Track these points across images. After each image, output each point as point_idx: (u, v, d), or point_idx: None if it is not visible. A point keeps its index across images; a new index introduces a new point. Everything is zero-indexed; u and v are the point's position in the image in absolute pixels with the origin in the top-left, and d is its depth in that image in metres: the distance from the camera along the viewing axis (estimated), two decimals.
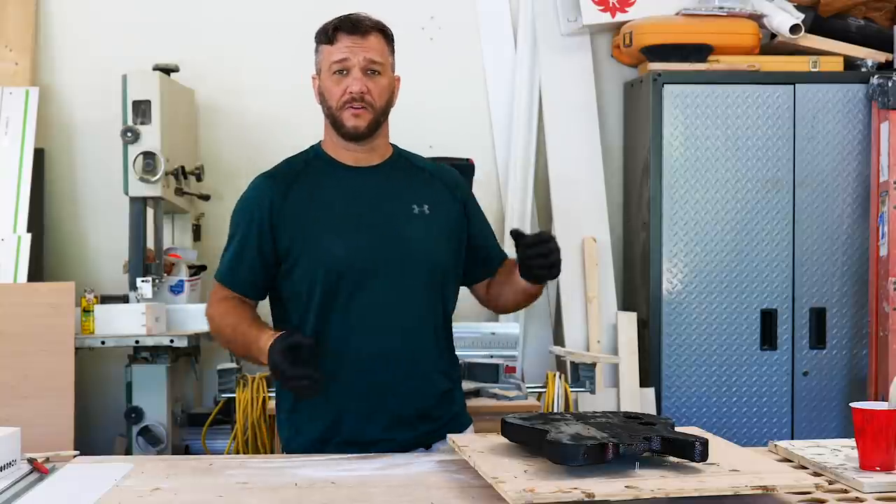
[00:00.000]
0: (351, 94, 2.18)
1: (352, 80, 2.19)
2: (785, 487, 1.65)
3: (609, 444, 1.69)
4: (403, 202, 2.24)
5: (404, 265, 2.19)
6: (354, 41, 2.20)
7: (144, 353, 3.77)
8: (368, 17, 2.25)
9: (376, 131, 2.24)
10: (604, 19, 4.27)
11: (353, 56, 2.19)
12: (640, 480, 1.66)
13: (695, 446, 1.74)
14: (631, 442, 1.73)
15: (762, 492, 1.63)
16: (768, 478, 1.67)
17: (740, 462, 1.79)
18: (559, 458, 1.69)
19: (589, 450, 1.67)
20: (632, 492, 1.59)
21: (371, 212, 2.21)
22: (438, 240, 2.24)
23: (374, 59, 2.20)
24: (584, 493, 1.58)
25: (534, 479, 1.67)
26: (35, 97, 4.11)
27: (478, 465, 1.80)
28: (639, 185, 4.25)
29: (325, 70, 2.24)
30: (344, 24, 2.22)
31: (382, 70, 2.22)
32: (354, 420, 2.20)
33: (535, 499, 1.57)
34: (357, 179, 2.25)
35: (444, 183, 2.32)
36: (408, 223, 2.22)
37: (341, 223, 2.20)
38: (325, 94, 2.25)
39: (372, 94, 2.20)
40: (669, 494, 1.60)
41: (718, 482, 1.65)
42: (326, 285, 2.18)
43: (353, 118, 2.20)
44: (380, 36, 2.24)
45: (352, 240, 2.19)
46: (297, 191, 2.24)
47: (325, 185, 2.24)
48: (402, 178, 2.28)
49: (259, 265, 2.23)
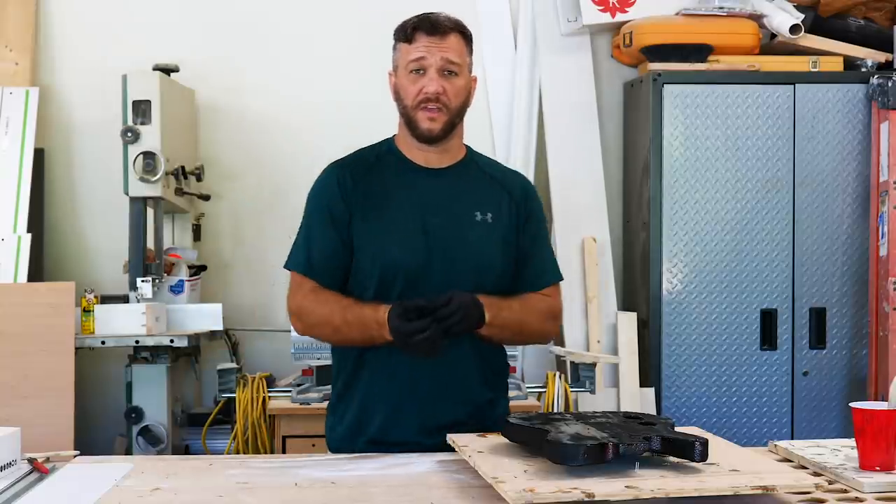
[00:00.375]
0: (426, 94, 2.16)
1: (428, 80, 2.16)
2: (785, 487, 1.65)
3: (609, 444, 1.69)
4: (467, 208, 2.23)
5: (457, 271, 2.19)
6: (433, 41, 2.16)
7: (144, 353, 3.78)
8: (448, 17, 2.22)
9: (450, 133, 2.22)
10: (604, 19, 4.27)
11: (430, 56, 2.16)
12: (640, 480, 1.66)
13: (695, 446, 1.74)
14: (631, 442, 1.73)
15: (762, 492, 1.63)
16: (768, 478, 1.67)
17: (740, 462, 1.79)
18: (559, 458, 1.69)
19: (589, 450, 1.68)
20: (632, 492, 1.59)
21: (433, 215, 2.21)
22: (495, 249, 2.23)
23: (451, 60, 2.17)
24: (584, 492, 1.58)
25: (534, 479, 1.67)
26: (35, 97, 4.11)
27: (478, 465, 1.80)
28: (639, 185, 4.25)
29: (401, 68, 2.20)
30: (423, 23, 2.18)
31: (459, 71, 2.19)
32: (381, 421, 2.21)
33: (535, 499, 1.57)
34: (425, 180, 2.24)
35: (510, 193, 2.28)
36: (468, 230, 2.21)
37: (401, 223, 2.20)
38: (400, 92, 2.22)
39: (448, 94, 2.17)
40: (669, 494, 1.61)
41: (718, 482, 1.65)
42: (379, 283, 2.19)
43: (427, 120, 2.18)
44: (459, 36, 2.20)
45: (409, 241, 2.19)
46: (365, 183, 2.24)
47: (392, 182, 2.24)
48: (469, 184, 2.26)
49: (332, 251, 2.22)
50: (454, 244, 2.20)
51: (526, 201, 2.30)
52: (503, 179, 2.31)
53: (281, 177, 4.37)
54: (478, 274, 2.20)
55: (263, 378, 3.48)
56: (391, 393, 2.19)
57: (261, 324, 4.30)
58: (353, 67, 4.39)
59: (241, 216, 4.38)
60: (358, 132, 4.33)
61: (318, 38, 4.39)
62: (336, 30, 4.39)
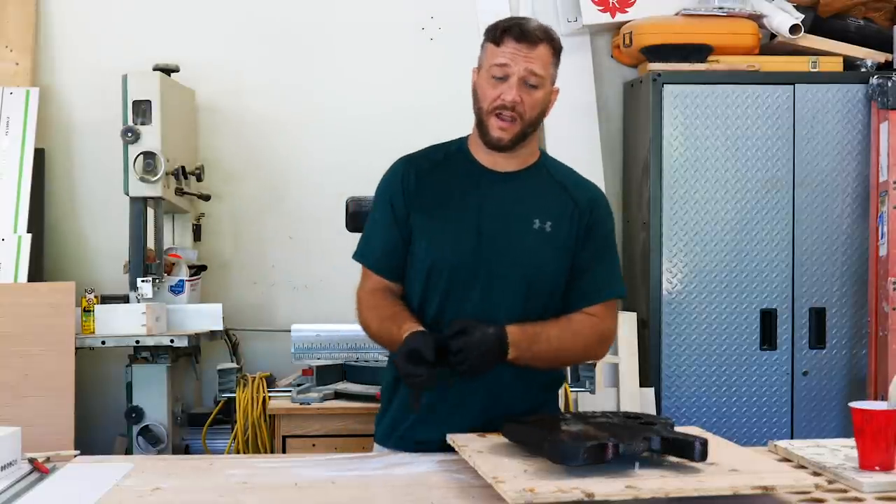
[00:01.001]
0: (503, 101, 2.13)
1: (507, 87, 2.13)
2: (785, 487, 1.65)
3: (609, 444, 1.70)
4: (526, 215, 2.21)
5: (503, 277, 2.18)
6: (519, 49, 2.13)
7: (144, 353, 3.77)
8: (540, 25, 2.18)
9: (520, 143, 2.20)
10: (604, 19, 4.27)
11: (514, 64, 2.13)
12: (640, 480, 1.66)
13: (694, 446, 1.74)
14: (631, 442, 1.74)
15: (762, 492, 1.63)
16: (768, 478, 1.67)
17: (740, 462, 1.80)
18: (559, 457, 1.70)
19: (589, 450, 1.68)
20: (632, 492, 1.60)
21: (491, 219, 2.20)
22: (550, 259, 2.21)
23: (535, 72, 2.14)
24: (584, 492, 1.58)
25: (533, 478, 1.67)
26: (35, 97, 4.11)
27: (477, 464, 1.81)
28: (639, 185, 4.25)
29: (484, 69, 2.18)
30: (513, 28, 2.15)
31: (541, 83, 2.16)
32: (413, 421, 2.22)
33: (535, 499, 1.57)
34: (488, 184, 2.23)
35: (576, 203, 2.25)
36: (524, 237, 2.20)
37: (459, 224, 2.20)
38: (479, 92, 2.19)
39: (524, 105, 2.15)
40: (669, 494, 1.61)
41: (718, 482, 1.65)
42: (426, 280, 2.20)
43: (498, 129, 2.16)
44: (547, 47, 2.17)
45: (464, 243, 2.19)
46: (430, 180, 2.24)
47: (456, 182, 2.24)
48: (533, 190, 2.24)
49: (393, 247, 2.24)
50: (504, 250, 2.19)
51: (591, 213, 2.25)
52: (572, 189, 2.27)
53: (281, 177, 4.37)
54: (525, 282, 2.19)
55: (263, 378, 3.48)
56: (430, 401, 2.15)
57: (261, 324, 4.30)
58: (353, 68, 4.39)
59: (241, 216, 4.38)
60: (358, 132, 4.39)
61: (319, 38, 4.39)
62: (336, 30, 4.39)
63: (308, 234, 4.37)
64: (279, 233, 4.38)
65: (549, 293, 2.23)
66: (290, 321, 3.85)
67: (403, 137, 2.55)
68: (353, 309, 2.32)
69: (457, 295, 2.19)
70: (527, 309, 2.20)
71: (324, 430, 3.27)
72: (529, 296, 2.20)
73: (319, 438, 3.27)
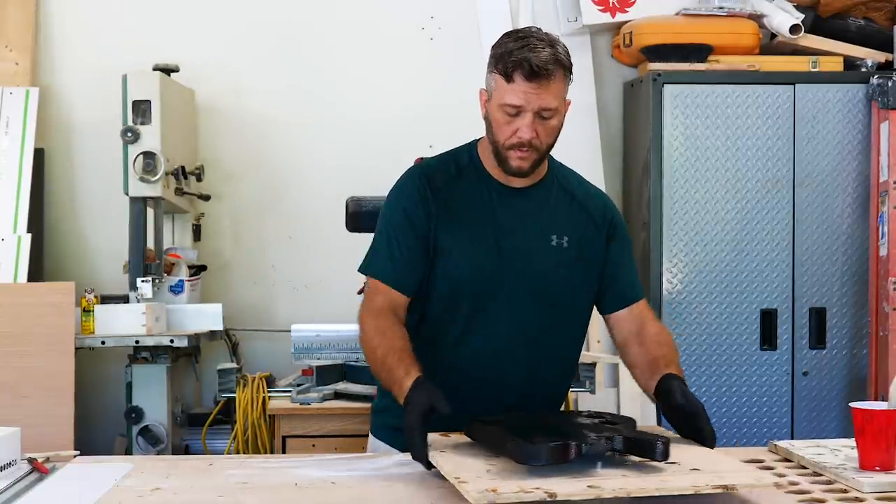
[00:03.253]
0: (520, 139, 2.10)
1: (522, 124, 2.09)
2: (744, 486, 1.66)
3: (572, 445, 1.70)
4: (542, 231, 2.20)
5: (528, 297, 2.17)
6: (532, 87, 2.07)
7: (144, 353, 3.77)
8: (549, 54, 2.10)
9: (539, 166, 2.18)
10: (604, 19, 4.27)
11: (527, 104, 2.07)
12: (602, 480, 1.66)
13: (656, 446, 1.74)
14: (594, 442, 1.74)
15: (723, 490, 1.63)
16: (728, 476, 1.67)
17: (702, 462, 1.80)
18: (522, 457, 1.70)
19: (552, 450, 1.68)
20: (594, 491, 1.60)
21: (507, 237, 2.18)
22: (570, 275, 2.21)
23: (548, 107, 2.10)
24: (546, 492, 1.58)
25: (496, 478, 1.67)
26: (35, 97, 4.11)
27: (440, 464, 1.81)
28: (639, 185, 4.25)
29: (495, 101, 2.12)
30: (523, 64, 2.06)
31: (555, 113, 2.12)
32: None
33: (498, 499, 1.57)
34: (503, 200, 2.20)
35: (590, 214, 2.25)
36: (542, 254, 2.19)
37: (474, 241, 2.17)
38: (493, 124, 2.14)
39: (540, 137, 2.12)
40: (631, 494, 1.61)
41: (680, 482, 1.66)
42: (447, 299, 2.18)
43: (518, 160, 2.13)
44: (560, 74, 2.13)
45: (481, 261, 2.16)
46: (445, 196, 2.20)
47: (471, 197, 2.20)
48: (547, 205, 2.23)
49: (412, 261, 2.18)
50: (523, 267, 2.17)
51: (607, 223, 2.27)
52: (584, 200, 2.27)
53: (281, 177, 4.37)
54: (548, 299, 2.19)
55: (263, 378, 3.47)
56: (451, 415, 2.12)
57: (261, 324, 4.30)
58: (353, 67, 4.39)
59: (241, 216, 4.38)
60: (358, 132, 4.39)
61: (319, 38, 4.39)
62: (336, 30, 4.39)
63: (308, 235, 4.37)
64: (279, 233, 4.38)
65: (573, 309, 2.24)
66: (290, 321, 3.85)
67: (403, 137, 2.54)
68: (356, 315, 2.22)
69: (481, 315, 2.17)
70: (552, 325, 2.21)
71: (324, 430, 3.27)
72: (553, 313, 2.20)
73: (319, 438, 3.27)
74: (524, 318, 2.19)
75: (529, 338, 2.19)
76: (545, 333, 2.21)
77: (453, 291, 2.18)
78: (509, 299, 2.17)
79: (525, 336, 2.19)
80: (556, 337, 2.24)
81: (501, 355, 2.19)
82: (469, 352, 2.19)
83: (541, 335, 2.21)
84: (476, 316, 2.17)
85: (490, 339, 2.18)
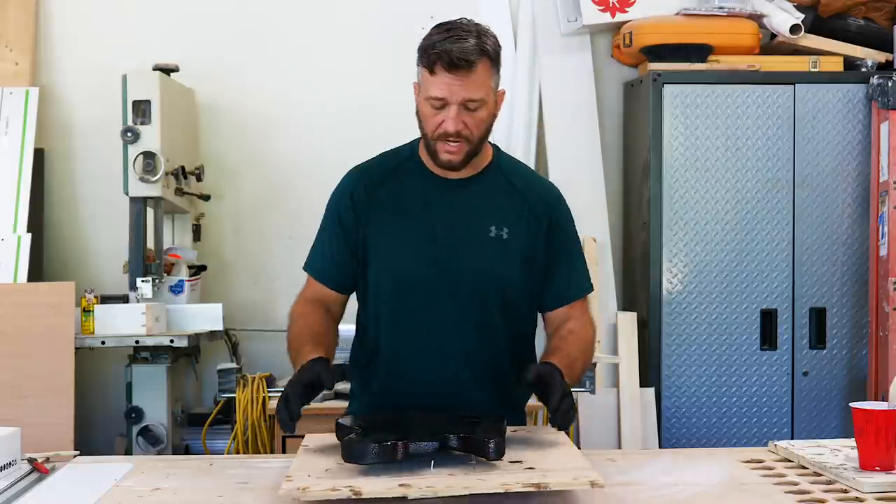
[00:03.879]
0: (445, 130, 2.08)
1: (447, 116, 2.06)
2: (558, 486, 1.66)
3: (399, 444, 1.73)
4: (481, 223, 2.17)
5: (468, 288, 2.15)
6: (454, 79, 2.03)
7: (144, 353, 3.77)
8: (473, 44, 2.04)
9: (472, 159, 2.15)
10: (604, 19, 4.27)
11: (451, 95, 2.04)
12: (418, 479, 1.68)
13: (489, 445, 1.75)
14: (422, 441, 1.76)
15: (534, 489, 1.64)
16: (549, 476, 1.69)
17: (554, 462, 1.80)
18: (350, 457, 1.74)
19: (378, 449, 1.71)
20: (402, 490, 1.62)
21: (446, 229, 2.16)
22: (509, 267, 2.18)
23: (473, 98, 2.05)
24: (352, 491, 1.61)
25: (325, 477, 1.70)
26: (35, 97, 4.11)
27: (294, 461, 1.84)
28: (639, 185, 4.25)
29: (423, 93, 2.10)
30: (444, 56, 2.02)
31: (482, 104, 2.07)
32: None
33: (304, 496, 1.60)
34: (441, 193, 2.19)
35: (531, 205, 2.20)
36: (480, 246, 2.16)
37: (413, 235, 2.17)
38: (421, 116, 2.14)
39: (469, 127, 2.08)
40: (438, 493, 1.63)
41: (492, 481, 1.67)
42: (386, 294, 2.18)
43: (446, 153, 2.11)
44: (485, 64, 2.06)
45: (420, 254, 2.15)
46: (382, 191, 2.21)
47: (409, 192, 2.20)
48: (486, 196, 2.20)
49: (340, 257, 2.22)
50: (462, 260, 2.15)
51: (548, 214, 2.22)
52: (525, 190, 2.22)
53: (281, 177, 4.37)
54: (486, 291, 2.17)
55: (263, 378, 3.48)
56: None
57: (261, 324, 4.29)
58: (353, 67, 4.39)
59: (241, 216, 4.38)
60: (358, 132, 4.38)
61: (319, 37, 4.39)
62: (336, 29, 4.39)
63: (308, 234, 4.29)
64: (279, 232, 4.38)
65: (512, 301, 2.20)
66: None
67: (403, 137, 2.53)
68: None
69: (417, 308, 2.15)
70: (489, 318, 2.18)
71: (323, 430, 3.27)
72: (491, 305, 2.17)
73: None
74: (464, 310, 2.16)
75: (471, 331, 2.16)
76: (487, 326, 2.18)
77: (393, 286, 2.17)
78: (447, 291, 2.15)
79: (467, 329, 2.16)
80: (499, 330, 2.20)
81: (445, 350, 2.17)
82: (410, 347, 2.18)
83: (482, 328, 2.17)
84: (417, 309, 2.16)
85: (432, 332, 2.16)
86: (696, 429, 4.08)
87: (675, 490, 1.83)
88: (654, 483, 1.89)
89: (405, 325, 2.17)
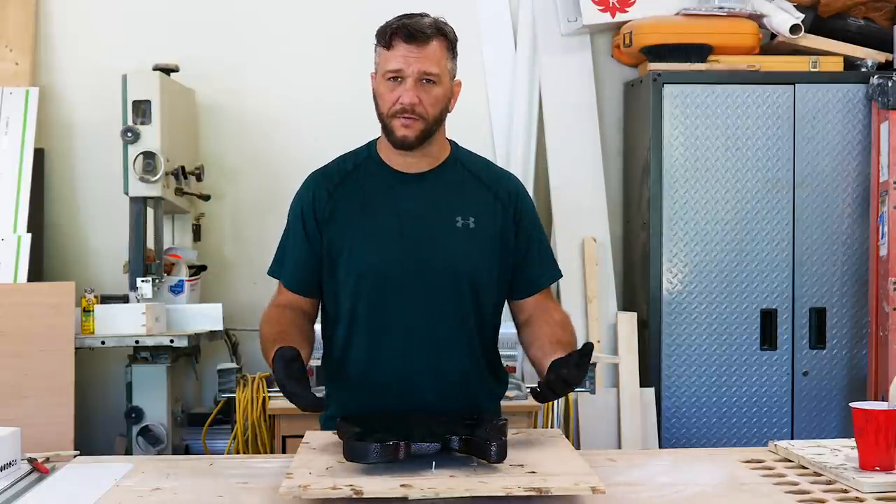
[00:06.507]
0: (402, 104, 2.11)
1: (404, 89, 2.10)
2: (559, 490, 1.66)
3: (401, 444, 1.73)
4: (447, 214, 2.18)
5: (438, 280, 2.16)
6: (411, 50, 2.10)
7: (144, 353, 3.78)
8: (431, 21, 2.15)
9: (427, 140, 2.16)
10: (604, 19, 4.27)
11: (407, 67, 2.09)
12: (420, 480, 1.68)
13: (490, 448, 1.75)
14: (423, 442, 1.76)
15: (536, 493, 1.64)
16: (550, 480, 1.68)
17: (555, 465, 1.80)
18: (352, 456, 1.74)
19: (380, 449, 1.71)
20: (402, 490, 1.63)
21: (411, 222, 2.17)
22: (478, 256, 2.18)
23: (428, 71, 2.10)
24: (353, 490, 1.61)
25: (326, 476, 1.70)
26: (35, 97, 4.11)
27: (294, 458, 1.84)
28: (639, 185, 4.25)
29: (380, 73, 2.16)
30: (402, 29, 2.11)
31: (438, 80, 2.12)
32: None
33: (305, 494, 1.61)
34: (403, 187, 2.20)
35: (496, 194, 2.22)
36: (448, 237, 2.17)
37: (379, 231, 2.17)
38: (377, 97, 2.18)
39: (424, 104, 2.11)
40: (439, 494, 1.63)
41: (492, 484, 1.67)
42: (355, 292, 2.18)
43: (402, 128, 2.12)
44: (441, 42, 2.14)
45: (387, 250, 2.16)
46: (343, 191, 2.21)
47: (370, 189, 2.21)
48: (450, 188, 2.21)
49: (303, 263, 2.24)
50: (431, 252, 2.16)
51: (514, 202, 2.23)
52: (489, 181, 2.24)
53: (281, 176, 4.36)
54: (457, 281, 2.17)
55: (263, 378, 3.48)
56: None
57: None
58: (353, 67, 4.38)
59: (241, 216, 4.38)
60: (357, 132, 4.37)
61: (319, 37, 4.39)
62: (336, 29, 4.39)
63: None
64: (279, 232, 4.34)
65: (482, 291, 2.20)
66: None
67: None
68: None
69: (389, 304, 2.16)
70: (461, 308, 2.18)
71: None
72: (462, 295, 2.18)
73: None
74: (435, 302, 2.16)
75: (443, 322, 2.16)
76: (459, 316, 2.18)
77: (363, 283, 2.17)
78: (417, 284, 2.15)
79: (439, 320, 2.16)
80: (470, 319, 2.20)
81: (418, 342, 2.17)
82: (383, 342, 2.18)
83: (454, 318, 2.17)
84: (388, 303, 2.16)
85: (405, 326, 2.16)
86: (696, 429, 4.08)
87: (675, 490, 1.83)
88: (654, 483, 1.89)
89: (377, 320, 2.17)
